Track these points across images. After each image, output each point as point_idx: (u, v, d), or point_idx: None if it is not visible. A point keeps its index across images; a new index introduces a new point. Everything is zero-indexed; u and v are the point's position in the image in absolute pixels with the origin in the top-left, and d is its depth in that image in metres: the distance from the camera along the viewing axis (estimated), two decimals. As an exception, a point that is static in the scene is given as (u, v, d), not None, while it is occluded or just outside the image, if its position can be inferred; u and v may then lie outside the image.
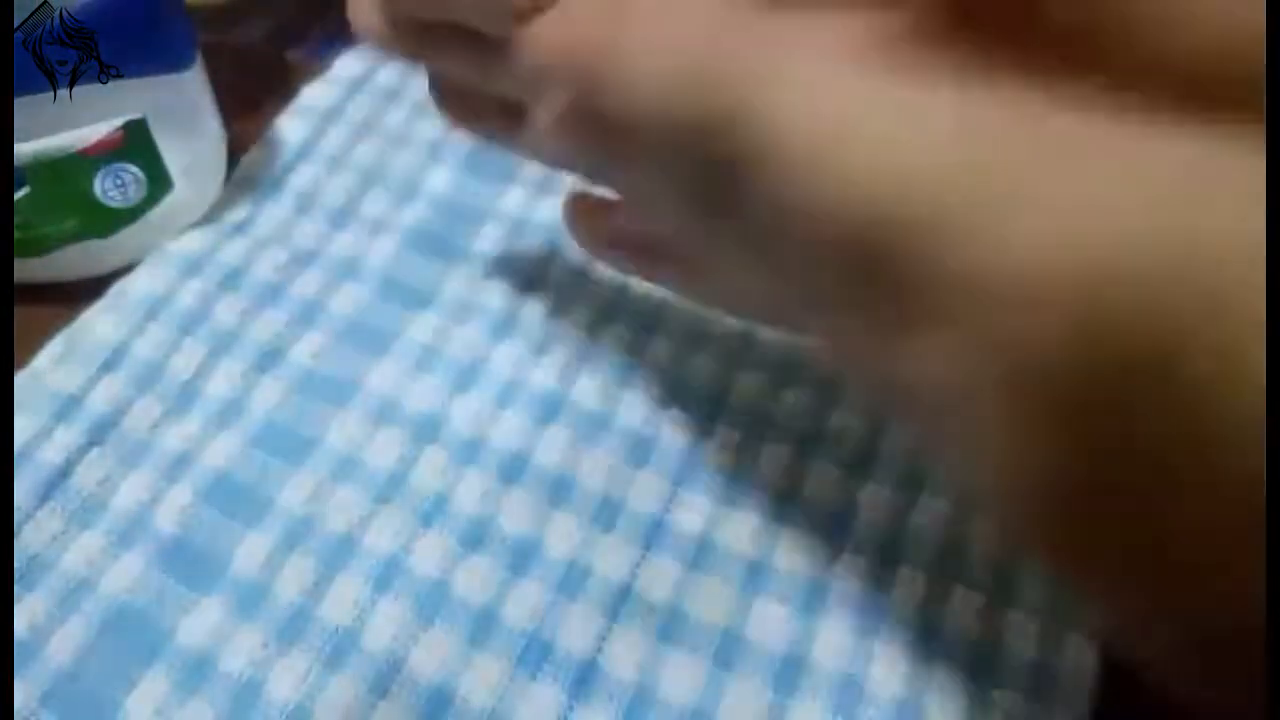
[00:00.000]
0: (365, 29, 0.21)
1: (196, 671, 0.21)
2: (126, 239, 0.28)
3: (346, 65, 0.34)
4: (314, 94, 0.33)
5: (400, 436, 0.25)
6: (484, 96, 0.21)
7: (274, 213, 0.30)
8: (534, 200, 0.30)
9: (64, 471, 0.24)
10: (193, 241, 0.29)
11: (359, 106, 0.33)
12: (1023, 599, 0.22)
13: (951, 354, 0.13)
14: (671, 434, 0.25)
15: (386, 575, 0.22)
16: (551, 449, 0.24)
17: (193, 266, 0.28)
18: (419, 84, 0.33)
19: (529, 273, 0.28)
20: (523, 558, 0.22)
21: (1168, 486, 0.12)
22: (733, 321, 0.26)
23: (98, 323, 0.27)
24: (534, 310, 0.27)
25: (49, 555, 0.23)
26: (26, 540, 0.23)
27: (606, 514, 0.23)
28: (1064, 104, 0.13)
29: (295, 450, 0.24)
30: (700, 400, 0.25)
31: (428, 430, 0.25)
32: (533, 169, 0.31)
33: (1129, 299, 0.11)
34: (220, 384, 0.26)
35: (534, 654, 0.21)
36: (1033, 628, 0.21)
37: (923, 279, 0.13)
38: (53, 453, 0.24)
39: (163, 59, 0.27)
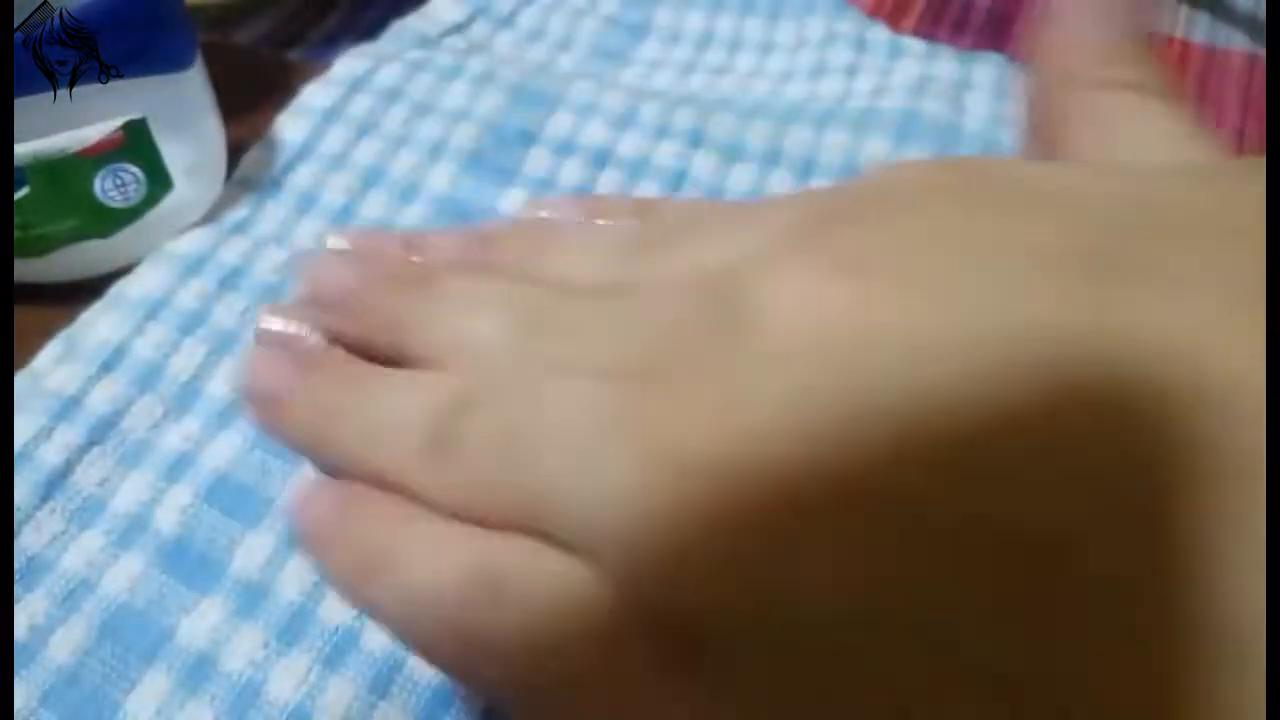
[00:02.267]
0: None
1: (196, 671, 0.21)
2: (127, 239, 0.28)
3: (346, 65, 0.34)
4: (314, 94, 0.33)
5: (400, 436, 0.24)
6: None
7: (274, 213, 0.30)
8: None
9: (64, 471, 0.24)
10: (192, 241, 0.29)
11: (359, 106, 0.33)
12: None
13: None
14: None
15: (387, 575, 0.22)
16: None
17: (192, 266, 0.28)
18: (419, 84, 0.33)
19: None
20: (523, 558, 0.22)
21: None
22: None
23: (97, 323, 0.27)
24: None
25: (49, 555, 0.23)
26: (26, 540, 0.23)
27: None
28: None
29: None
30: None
31: (428, 430, 0.25)
32: (533, 169, 0.31)
33: None
34: (220, 384, 0.26)
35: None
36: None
37: None
38: (52, 453, 0.24)
39: (163, 59, 0.27)
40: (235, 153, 0.31)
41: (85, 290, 0.28)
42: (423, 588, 0.14)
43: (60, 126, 0.25)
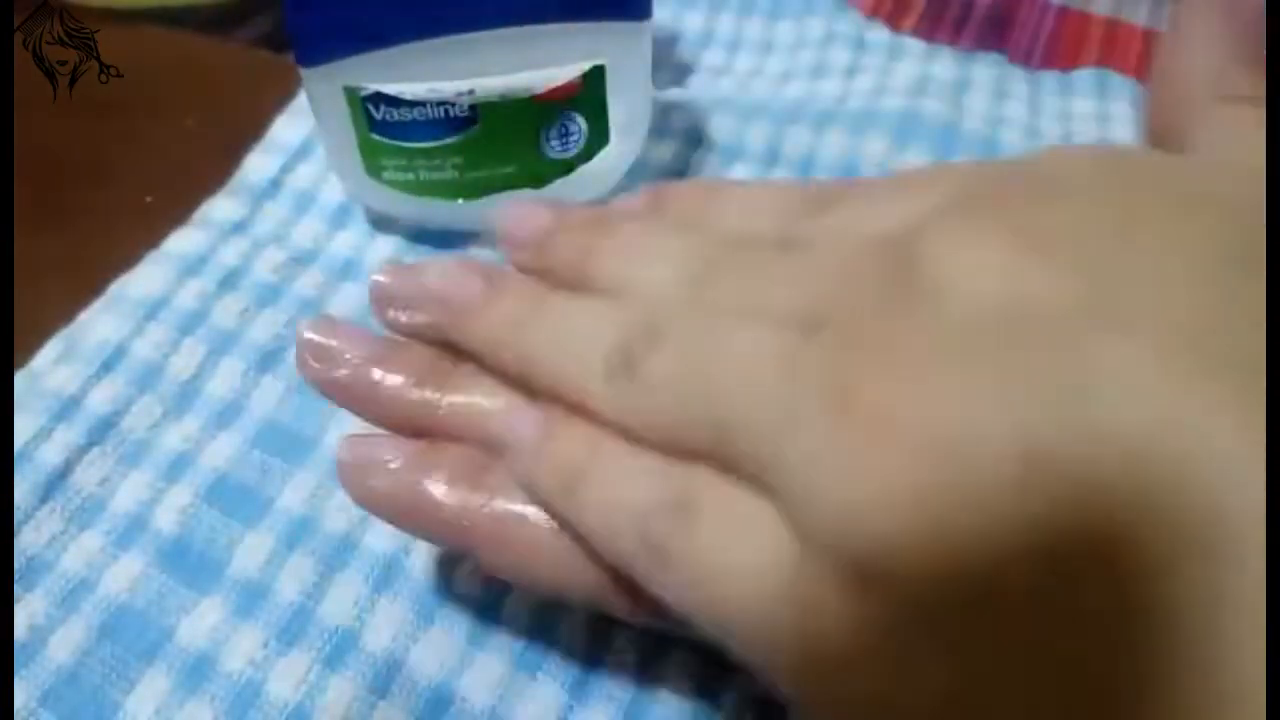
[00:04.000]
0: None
1: (196, 672, 0.21)
2: (556, 192, 0.28)
3: (346, 65, 0.34)
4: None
5: (400, 436, 0.25)
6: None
7: (273, 213, 0.30)
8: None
9: (63, 472, 0.24)
10: (192, 241, 0.29)
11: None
12: None
13: None
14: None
15: (386, 575, 0.22)
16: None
17: (192, 266, 0.28)
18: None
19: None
20: (523, 558, 0.22)
21: None
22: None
23: (97, 323, 0.27)
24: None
25: (48, 555, 0.23)
26: (26, 540, 0.23)
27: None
28: None
29: (295, 450, 0.24)
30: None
31: (428, 430, 0.25)
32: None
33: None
34: (220, 384, 0.26)
35: (534, 654, 0.21)
36: None
37: None
38: (52, 453, 0.24)
39: (626, 4, 0.26)
40: (235, 153, 0.31)
41: (84, 291, 0.28)
42: (620, 505, 0.16)
43: (519, 65, 0.25)
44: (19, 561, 0.22)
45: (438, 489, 0.18)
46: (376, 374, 0.19)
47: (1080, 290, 0.13)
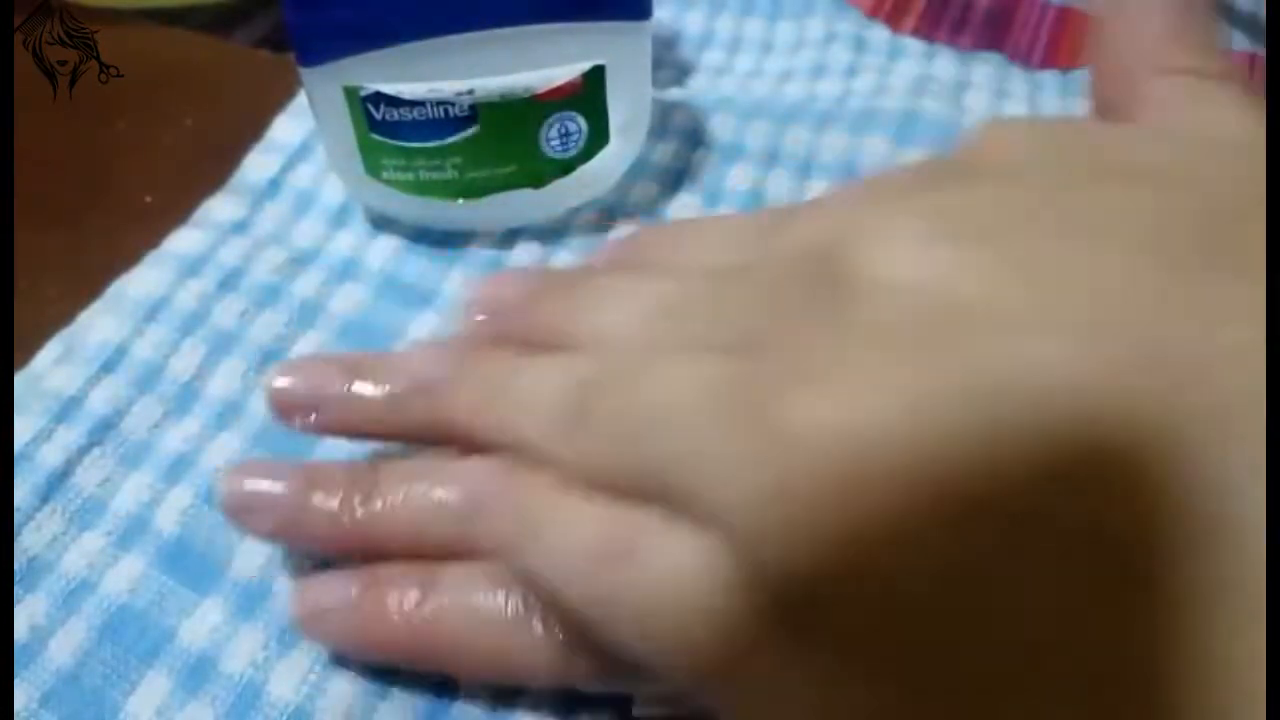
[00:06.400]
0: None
1: (197, 673, 0.21)
2: (556, 191, 0.28)
3: (346, 65, 0.34)
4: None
5: (401, 437, 0.24)
6: None
7: (273, 213, 0.30)
8: (534, 200, 0.30)
9: (64, 472, 0.24)
10: (192, 242, 0.29)
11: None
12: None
13: None
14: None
15: (387, 576, 0.22)
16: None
17: (192, 267, 0.28)
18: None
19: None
20: (523, 558, 0.22)
21: None
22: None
23: (97, 323, 0.27)
24: (534, 310, 0.27)
25: (49, 556, 0.23)
26: (26, 541, 0.23)
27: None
28: None
29: (296, 450, 0.24)
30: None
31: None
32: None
33: None
34: (220, 384, 0.26)
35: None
36: None
37: None
38: (53, 454, 0.24)
39: (627, 5, 0.26)
40: (235, 153, 0.31)
41: (83, 291, 0.28)
42: (570, 552, 0.16)
43: (519, 65, 0.25)
44: (19, 562, 0.22)
45: (396, 605, 0.19)
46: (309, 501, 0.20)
47: (987, 276, 0.13)
